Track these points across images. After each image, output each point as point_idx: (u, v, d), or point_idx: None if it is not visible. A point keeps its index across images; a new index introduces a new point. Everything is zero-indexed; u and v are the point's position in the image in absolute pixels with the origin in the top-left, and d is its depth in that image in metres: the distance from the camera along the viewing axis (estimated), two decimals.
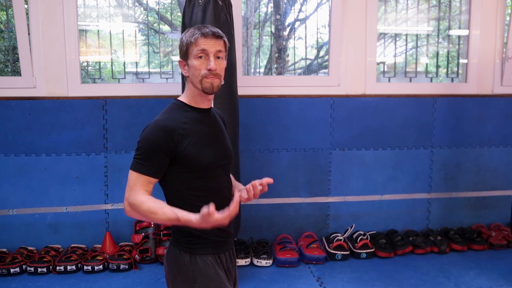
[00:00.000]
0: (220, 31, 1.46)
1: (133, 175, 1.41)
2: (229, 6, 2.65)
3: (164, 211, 1.35)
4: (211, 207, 1.23)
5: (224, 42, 1.46)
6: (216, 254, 1.50)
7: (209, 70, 1.42)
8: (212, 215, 1.23)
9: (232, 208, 1.25)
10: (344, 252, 3.10)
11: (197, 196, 1.45)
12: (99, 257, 2.95)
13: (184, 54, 1.46)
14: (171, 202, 1.46)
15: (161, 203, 1.39)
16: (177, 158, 1.41)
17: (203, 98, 1.49)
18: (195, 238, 1.45)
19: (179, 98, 1.53)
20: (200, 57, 1.43)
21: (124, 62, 3.45)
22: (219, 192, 1.51)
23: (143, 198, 1.39)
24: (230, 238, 1.58)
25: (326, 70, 3.65)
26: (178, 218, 1.32)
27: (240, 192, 1.56)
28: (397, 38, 3.63)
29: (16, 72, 3.42)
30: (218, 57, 1.44)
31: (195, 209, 1.34)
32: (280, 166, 3.33)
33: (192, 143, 1.42)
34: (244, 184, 1.56)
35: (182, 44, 1.47)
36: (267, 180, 1.48)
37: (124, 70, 3.44)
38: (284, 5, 3.76)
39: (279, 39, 3.81)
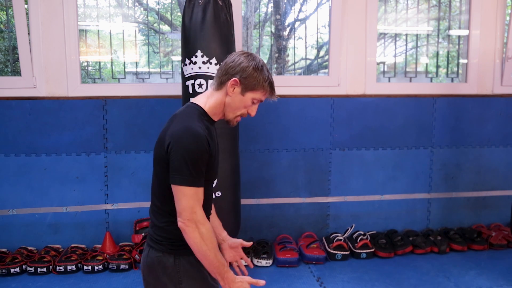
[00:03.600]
0: None
1: (191, 191, 1.37)
2: (229, 6, 2.65)
3: (218, 250, 1.43)
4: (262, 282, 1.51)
5: None
6: None
7: (249, 114, 1.54)
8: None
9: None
10: (344, 252, 3.10)
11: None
12: (99, 257, 2.95)
13: (249, 85, 1.47)
14: (171, 203, 1.43)
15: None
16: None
17: (220, 117, 1.54)
18: (178, 240, 1.45)
19: (199, 104, 1.50)
20: (254, 102, 1.51)
21: (124, 62, 3.45)
22: (211, 198, 1.60)
23: (209, 224, 1.43)
24: None
25: (326, 70, 3.64)
26: (225, 265, 1.43)
27: (225, 245, 1.75)
28: (397, 38, 3.63)
29: (16, 72, 3.42)
30: None
31: None
32: (280, 166, 3.33)
33: (213, 153, 1.45)
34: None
35: (259, 80, 1.47)
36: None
37: (124, 70, 3.44)
38: (284, 5, 3.75)
39: (279, 39, 3.81)
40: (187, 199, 1.37)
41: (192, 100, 1.54)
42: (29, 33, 3.05)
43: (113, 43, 3.40)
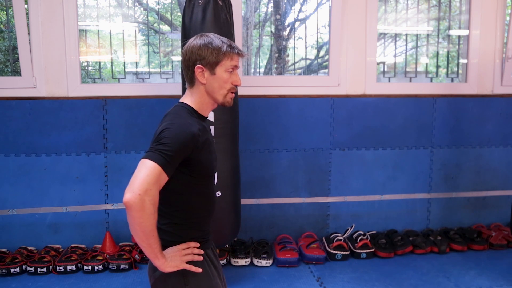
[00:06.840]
0: None
1: (156, 169, 1.28)
2: (229, 6, 2.65)
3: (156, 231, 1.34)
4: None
5: None
6: (204, 251, 1.51)
7: (235, 85, 1.48)
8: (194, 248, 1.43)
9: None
10: (344, 252, 3.10)
11: (198, 202, 1.48)
12: (99, 257, 2.95)
13: (213, 63, 1.44)
14: (172, 205, 1.44)
15: None
16: (189, 163, 1.40)
17: (210, 108, 1.52)
18: (182, 241, 1.45)
19: (186, 102, 1.50)
20: (230, 71, 1.47)
21: (124, 62, 3.45)
22: (213, 198, 1.58)
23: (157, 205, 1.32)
24: (210, 236, 1.61)
25: (326, 70, 3.65)
26: (159, 246, 1.35)
27: None
28: (397, 38, 3.63)
29: (16, 72, 3.42)
30: None
31: (195, 212, 1.48)
32: (280, 166, 3.33)
33: (204, 150, 1.43)
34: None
35: (216, 52, 1.44)
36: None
37: (124, 70, 3.44)
38: (284, 5, 3.76)
39: (279, 39, 3.81)
40: (149, 174, 1.27)
41: (179, 100, 1.55)
42: (29, 33, 3.05)
43: (113, 43, 3.40)
